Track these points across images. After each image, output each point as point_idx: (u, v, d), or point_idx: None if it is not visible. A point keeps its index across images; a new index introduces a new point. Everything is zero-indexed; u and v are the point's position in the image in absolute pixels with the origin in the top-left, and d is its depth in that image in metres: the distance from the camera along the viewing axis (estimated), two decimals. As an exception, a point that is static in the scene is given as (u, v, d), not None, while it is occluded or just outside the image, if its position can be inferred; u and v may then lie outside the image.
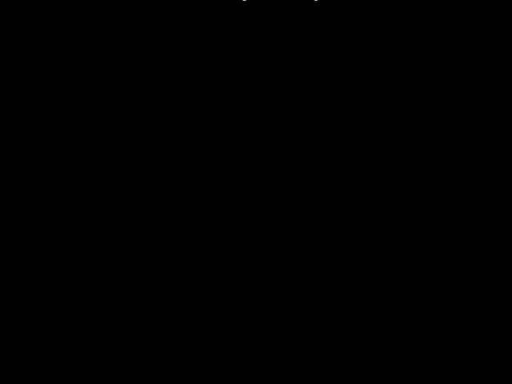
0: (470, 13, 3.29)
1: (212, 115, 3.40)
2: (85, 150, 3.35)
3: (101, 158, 3.34)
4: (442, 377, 3.15)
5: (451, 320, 3.23)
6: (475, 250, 3.28)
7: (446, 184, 3.32)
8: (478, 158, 3.31)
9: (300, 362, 3.20)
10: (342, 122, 3.36)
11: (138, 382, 3.16)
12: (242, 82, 3.39)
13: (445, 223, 3.30)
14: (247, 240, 3.33)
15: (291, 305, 3.27)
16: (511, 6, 3.27)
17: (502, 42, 3.28)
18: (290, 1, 3.35)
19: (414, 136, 3.34)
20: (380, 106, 3.34)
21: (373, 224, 3.32)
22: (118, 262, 3.30)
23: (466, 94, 3.31)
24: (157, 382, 3.15)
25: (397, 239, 3.30)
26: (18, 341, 3.21)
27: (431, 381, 3.14)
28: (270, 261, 3.31)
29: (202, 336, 3.24)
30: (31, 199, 3.32)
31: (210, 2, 3.36)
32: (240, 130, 3.39)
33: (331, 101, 3.37)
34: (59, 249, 3.30)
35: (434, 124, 3.33)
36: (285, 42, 3.38)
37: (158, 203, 3.34)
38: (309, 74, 3.38)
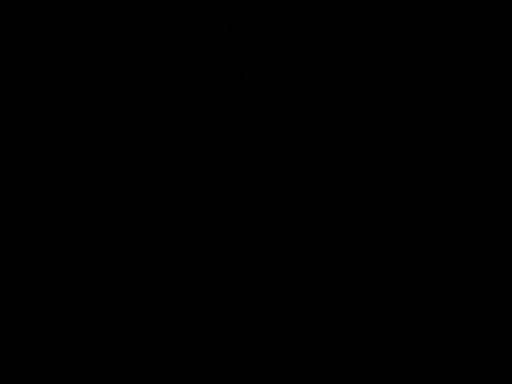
0: (472, 15, 3.29)
1: (212, 115, 3.40)
2: (84, 149, 3.35)
3: (100, 157, 3.35)
4: (442, 377, 3.15)
5: (451, 320, 3.23)
6: (475, 250, 3.28)
7: (447, 184, 3.32)
8: (478, 158, 3.31)
9: (300, 362, 3.20)
10: (343, 122, 3.36)
11: (138, 382, 3.16)
12: (242, 82, 3.39)
13: (445, 223, 3.30)
14: (247, 240, 3.33)
15: (291, 305, 3.27)
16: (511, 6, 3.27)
17: (502, 43, 3.28)
18: (290, 1, 3.36)
19: (416, 137, 3.34)
20: (381, 107, 3.34)
21: (375, 225, 3.32)
22: (117, 262, 3.30)
23: (466, 99, 3.31)
24: (157, 382, 3.16)
25: (398, 240, 3.31)
26: (17, 340, 3.21)
27: (431, 381, 3.14)
28: (271, 261, 3.31)
29: (202, 336, 3.24)
30: (31, 199, 3.32)
31: (209, 2, 3.37)
32: (240, 130, 3.39)
33: (332, 101, 3.37)
34: (58, 248, 3.30)
35: (434, 125, 3.33)
36: (285, 42, 3.38)
37: (158, 203, 3.34)
38: (309, 75, 3.38)
